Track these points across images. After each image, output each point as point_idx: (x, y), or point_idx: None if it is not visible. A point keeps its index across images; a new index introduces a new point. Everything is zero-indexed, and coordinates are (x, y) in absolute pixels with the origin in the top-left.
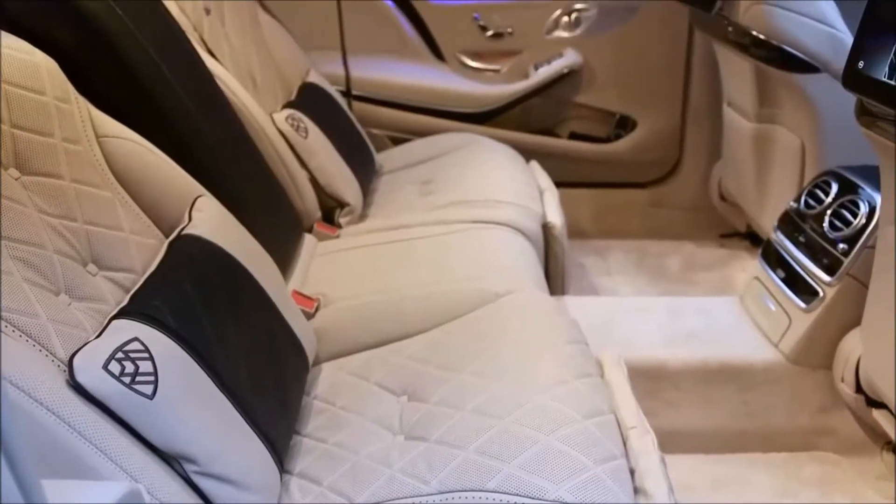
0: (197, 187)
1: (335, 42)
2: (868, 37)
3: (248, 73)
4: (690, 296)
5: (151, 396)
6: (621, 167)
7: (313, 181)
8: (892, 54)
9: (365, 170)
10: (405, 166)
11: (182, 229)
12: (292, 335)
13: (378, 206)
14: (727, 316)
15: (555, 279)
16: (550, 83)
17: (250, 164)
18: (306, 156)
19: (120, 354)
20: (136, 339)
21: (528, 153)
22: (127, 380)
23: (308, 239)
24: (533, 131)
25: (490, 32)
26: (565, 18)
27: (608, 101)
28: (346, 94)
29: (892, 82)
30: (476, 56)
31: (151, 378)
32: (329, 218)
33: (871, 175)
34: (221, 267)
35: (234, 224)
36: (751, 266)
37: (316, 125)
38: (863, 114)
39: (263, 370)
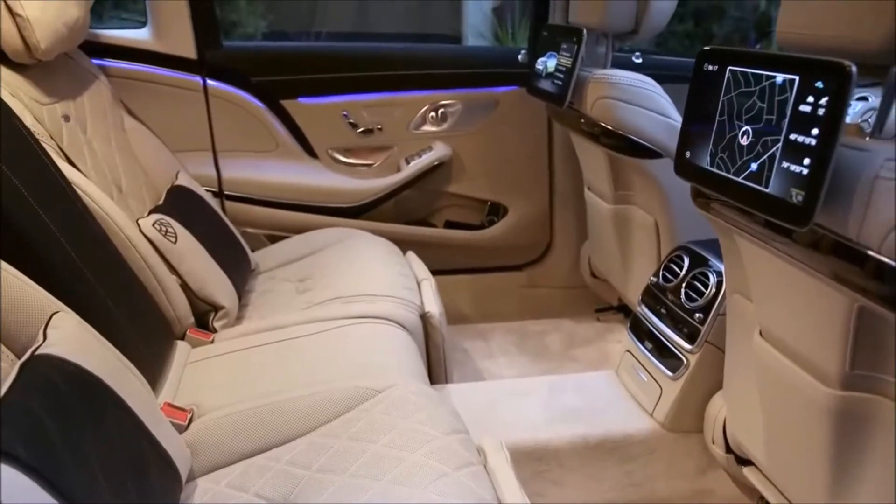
0: (53, 303)
1: (206, 143)
2: (691, 130)
3: (113, 179)
4: (571, 372)
5: None
6: (496, 252)
7: (185, 286)
8: (710, 145)
9: (239, 270)
10: (281, 264)
11: (35, 349)
12: (162, 452)
13: (254, 306)
14: (605, 390)
15: (436, 368)
16: (422, 175)
17: (113, 275)
18: (176, 261)
19: None
20: None
21: (404, 244)
22: None
23: (180, 346)
24: (408, 222)
25: (360, 129)
26: (432, 114)
27: (479, 189)
28: (219, 194)
29: (714, 170)
30: (348, 152)
31: None
32: (203, 323)
33: (717, 248)
34: (80, 387)
35: (94, 339)
36: (625, 338)
37: (185, 228)
38: (697, 196)
39: (128, 493)
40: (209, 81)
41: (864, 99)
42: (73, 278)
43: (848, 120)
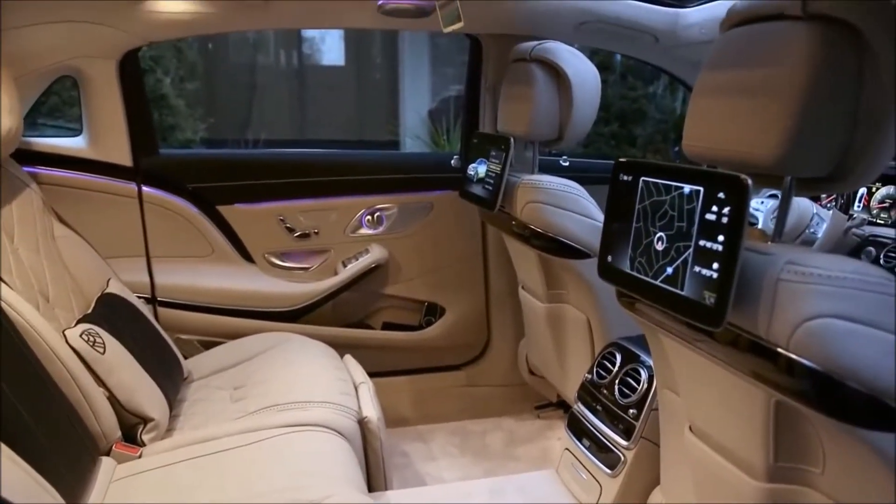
0: None
1: (139, 249)
2: (611, 235)
3: (39, 289)
4: (513, 472)
5: None
6: (435, 352)
7: (112, 398)
8: (630, 249)
9: (171, 380)
10: (215, 371)
11: None
12: None
13: (186, 417)
14: (546, 491)
15: (375, 475)
16: (359, 278)
17: (33, 389)
18: (104, 372)
19: None
20: None
21: (342, 347)
22: None
23: (105, 463)
24: (346, 325)
25: (297, 233)
26: (368, 217)
27: (416, 290)
28: (151, 300)
29: (634, 273)
30: (285, 256)
31: None
32: (131, 436)
33: (647, 344)
34: None
35: (7, 459)
36: (564, 435)
37: (114, 337)
38: (621, 296)
39: None
40: (144, 188)
41: (775, 196)
42: None
43: (760, 217)
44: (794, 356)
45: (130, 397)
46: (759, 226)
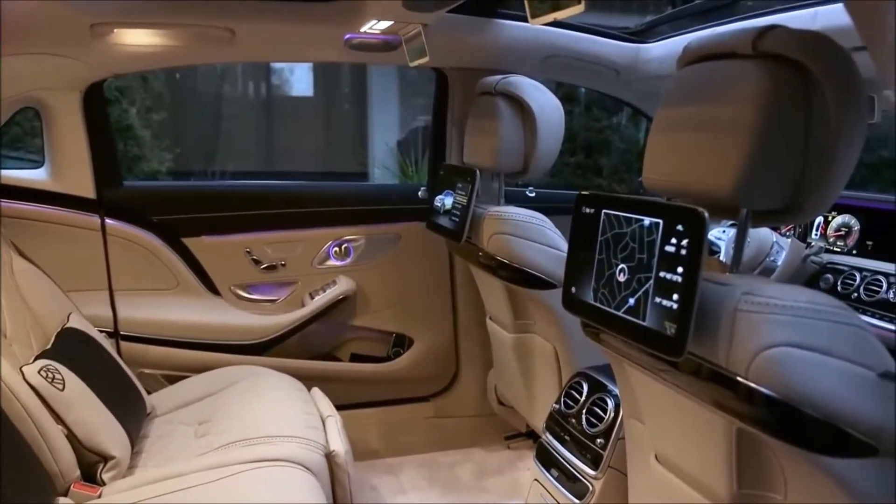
0: None
1: (102, 282)
2: (575, 266)
3: None
4: None
5: None
6: (403, 383)
7: (72, 436)
8: (593, 281)
9: (133, 416)
10: (179, 406)
11: None
12: None
13: (148, 454)
14: None
15: None
16: (327, 309)
17: None
18: (63, 409)
19: None
20: None
21: (310, 380)
22: None
23: None
24: (314, 357)
25: (264, 265)
26: (336, 249)
27: (384, 321)
28: (114, 334)
29: (598, 304)
30: (251, 288)
31: None
32: (91, 475)
33: (613, 373)
34: None
35: None
36: (533, 466)
37: (75, 373)
38: (586, 327)
39: None
40: (108, 220)
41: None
42: None
43: (722, 246)
44: (752, 384)
45: (90, 435)
46: (721, 255)
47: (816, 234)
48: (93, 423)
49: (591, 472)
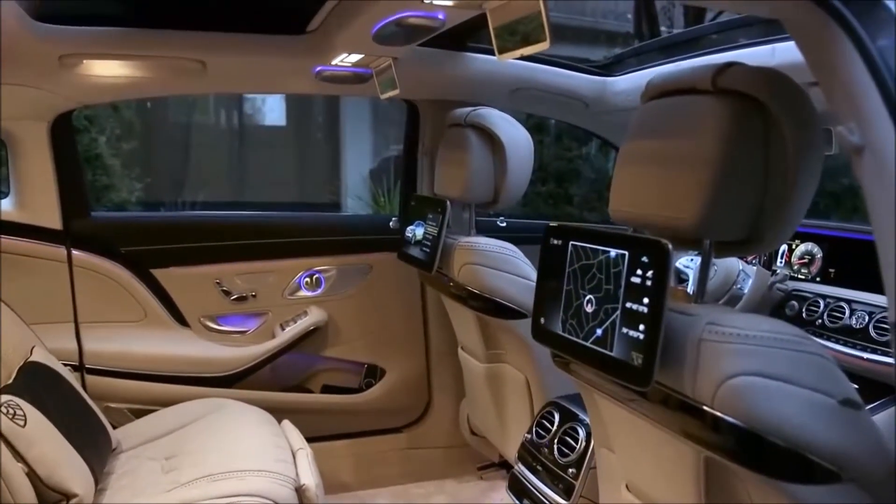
0: None
1: (67, 314)
2: (543, 297)
3: None
4: None
5: None
6: (376, 415)
7: (32, 474)
8: (561, 311)
9: (97, 451)
10: (146, 441)
11: None
12: None
13: (113, 491)
14: None
15: None
16: (298, 340)
17: None
18: (24, 446)
19: None
20: None
21: (280, 412)
22: None
23: None
24: (284, 389)
25: (234, 296)
26: (307, 279)
27: (356, 352)
28: (79, 368)
29: (566, 335)
30: (221, 319)
31: None
32: None
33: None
34: None
35: None
36: (506, 497)
37: (37, 409)
38: (556, 357)
39: None
40: (74, 251)
41: None
42: None
43: (691, 274)
44: (718, 413)
45: (52, 472)
46: (690, 283)
47: (781, 262)
48: (55, 459)
49: (563, 503)
